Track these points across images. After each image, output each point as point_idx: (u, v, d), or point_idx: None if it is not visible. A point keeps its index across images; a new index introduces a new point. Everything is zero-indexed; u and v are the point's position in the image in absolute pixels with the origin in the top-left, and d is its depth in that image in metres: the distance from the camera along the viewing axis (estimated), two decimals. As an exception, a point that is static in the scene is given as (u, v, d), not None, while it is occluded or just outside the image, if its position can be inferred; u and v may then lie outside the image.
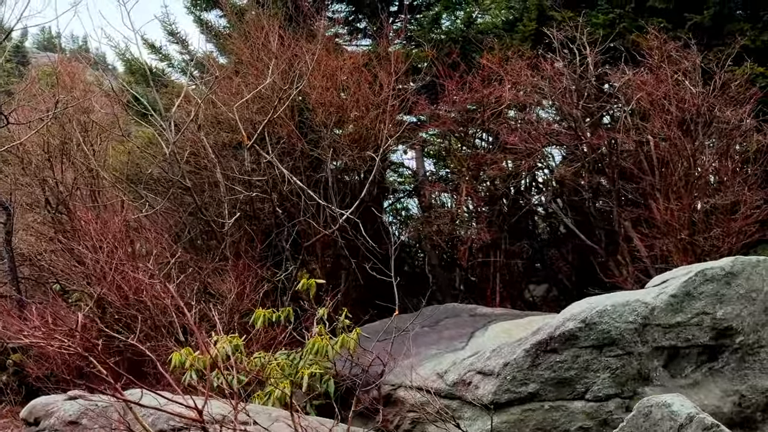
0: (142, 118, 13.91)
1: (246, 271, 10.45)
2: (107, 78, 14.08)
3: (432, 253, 14.11)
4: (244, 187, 12.12)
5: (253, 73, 13.26)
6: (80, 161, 13.16)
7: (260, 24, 13.65)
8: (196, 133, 12.43)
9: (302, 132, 13.29)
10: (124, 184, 13.31)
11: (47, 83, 15.69)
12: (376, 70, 13.03)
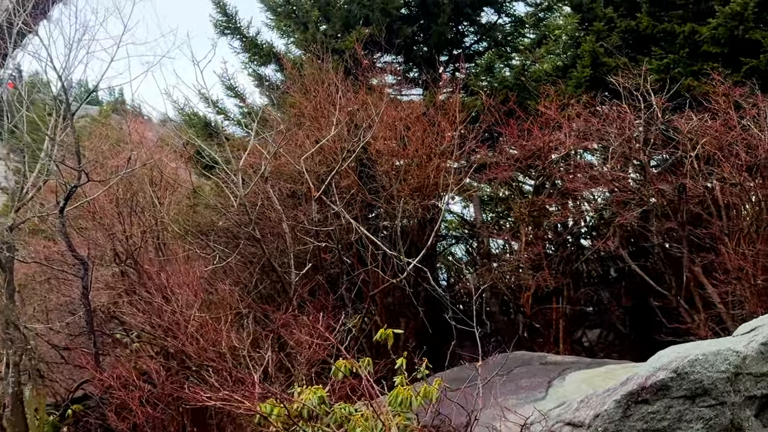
0: (207, 170, 14.32)
1: (316, 320, 10.60)
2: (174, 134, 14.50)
3: (492, 300, 14.15)
4: (309, 237, 12.36)
5: (315, 125, 13.63)
6: (148, 215, 13.57)
7: (320, 78, 14.08)
8: (262, 185, 12.73)
9: (362, 181, 13.58)
10: (191, 237, 13.64)
11: (115, 139, 16.32)
12: (434, 118, 13.29)
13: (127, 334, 13.15)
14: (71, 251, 11.49)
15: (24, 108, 12.85)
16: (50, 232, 14.68)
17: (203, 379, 10.25)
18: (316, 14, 15.67)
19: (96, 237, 13.41)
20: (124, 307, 13.08)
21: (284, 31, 17.13)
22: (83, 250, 12.72)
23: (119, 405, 10.14)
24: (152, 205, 13.61)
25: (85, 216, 13.79)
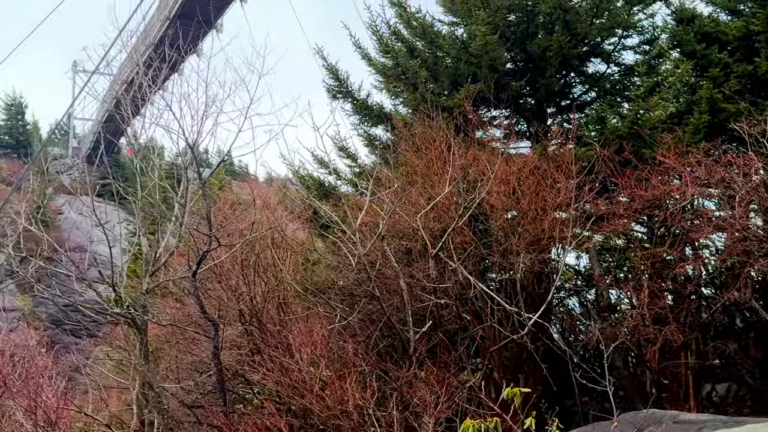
0: (324, 230, 14.79)
1: (438, 378, 10.64)
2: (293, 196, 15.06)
3: (615, 355, 13.76)
4: (427, 294, 12.49)
5: (427, 183, 13.88)
6: (270, 275, 14.07)
7: (430, 136, 14.37)
8: (378, 243, 13.01)
9: (476, 236, 13.64)
10: (311, 295, 14.02)
11: (235, 201, 17.11)
12: (547, 171, 13.26)
13: (252, 392, 13.54)
14: (203, 313, 12.03)
15: (156, 176, 13.72)
16: (180, 294, 15.42)
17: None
18: (424, 74, 16.07)
19: (222, 298, 13.98)
20: (250, 365, 13.53)
21: (393, 92, 17.61)
22: (212, 310, 13.28)
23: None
24: (273, 266, 14.12)
25: (211, 278, 14.44)
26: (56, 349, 19.16)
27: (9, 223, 14.79)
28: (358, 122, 18.14)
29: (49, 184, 52.28)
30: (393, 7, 16.94)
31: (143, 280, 12.89)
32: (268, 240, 13.89)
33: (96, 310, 14.31)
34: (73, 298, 15.46)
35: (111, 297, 13.07)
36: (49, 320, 36.89)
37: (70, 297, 15.56)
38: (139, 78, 13.29)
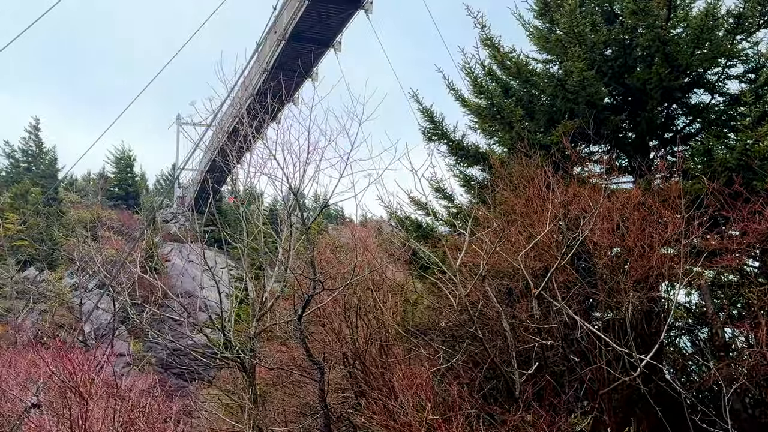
0: (423, 271, 14.81)
1: (546, 421, 10.39)
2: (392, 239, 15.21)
3: (732, 396, 13.06)
4: (531, 335, 12.27)
5: (527, 222, 13.74)
6: (371, 317, 14.18)
7: (528, 174, 14.26)
8: (479, 283, 12.92)
9: (579, 274, 13.34)
10: (412, 337, 14.02)
11: (333, 245, 17.41)
12: (652, 206, 12.89)
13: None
14: (308, 356, 12.23)
15: (260, 222, 14.15)
16: (285, 337, 15.73)
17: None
18: (519, 113, 16.02)
19: (326, 340, 14.17)
20: (354, 408, 13.61)
21: (488, 131, 17.62)
22: (316, 353, 13.48)
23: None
24: (375, 308, 14.24)
25: (314, 321, 14.69)
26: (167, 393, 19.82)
27: (124, 271, 15.53)
28: (453, 163, 18.22)
29: (157, 233, 54.73)
30: (486, 48, 17.03)
31: (251, 324, 13.24)
32: (369, 282, 14.03)
33: (205, 354, 14.75)
34: (183, 343, 16.01)
35: (220, 341, 13.48)
36: (159, 364, 38.22)
37: (180, 341, 16.12)
38: (243, 129, 13.83)
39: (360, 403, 13.35)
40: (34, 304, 41.55)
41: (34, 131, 64.10)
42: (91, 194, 66.01)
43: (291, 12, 33.00)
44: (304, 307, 12.04)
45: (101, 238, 43.88)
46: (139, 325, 13.79)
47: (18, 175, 61.16)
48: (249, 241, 13.82)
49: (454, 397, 10.87)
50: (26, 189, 52.49)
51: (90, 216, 52.29)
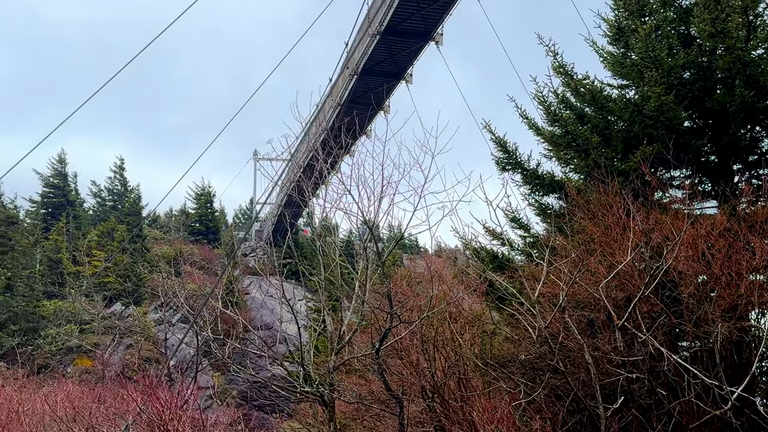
0: (500, 302, 14.64)
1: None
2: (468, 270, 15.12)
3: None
4: (613, 367, 11.93)
5: (606, 250, 13.44)
6: (449, 349, 14.08)
7: (606, 201, 13.98)
8: (559, 315, 12.68)
9: (664, 303, 12.94)
10: (491, 370, 13.83)
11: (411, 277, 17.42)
12: (739, 232, 12.43)
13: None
14: (388, 390, 12.21)
15: (336, 256, 14.29)
16: (363, 370, 15.75)
17: None
18: (596, 140, 15.77)
19: (403, 374, 14.13)
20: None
21: (563, 159, 17.39)
22: (394, 387, 13.44)
23: None
24: (452, 340, 14.14)
25: (392, 354, 14.67)
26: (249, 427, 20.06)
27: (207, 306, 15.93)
28: (528, 192, 18.02)
29: (237, 267, 55.92)
30: (559, 76, 16.89)
31: (329, 358, 13.32)
32: (446, 314, 13.96)
33: (285, 387, 14.91)
34: (263, 376, 16.23)
35: (299, 374, 13.61)
36: (240, 397, 38.79)
37: (261, 374, 16.34)
38: (318, 164, 14.07)
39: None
40: (120, 339, 42.93)
41: (119, 171, 66.86)
42: (173, 230, 68.06)
43: (363, 47, 33.60)
44: (382, 341, 12.05)
45: (183, 272, 45.11)
46: (222, 359, 14.03)
47: (104, 214, 63.78)
48: (326, 275, 13.96)
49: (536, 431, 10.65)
50: (112, 227, 54.58)
51: (172, 251, 53.88)
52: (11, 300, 41.15)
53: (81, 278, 47.57)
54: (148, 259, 52.27)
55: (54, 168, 59.38)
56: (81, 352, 40.39)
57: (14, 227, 48.21)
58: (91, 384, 26.69)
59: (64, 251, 49.50)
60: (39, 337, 40.50)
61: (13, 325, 39.97)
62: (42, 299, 43.66)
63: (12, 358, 36.75)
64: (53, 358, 39.01)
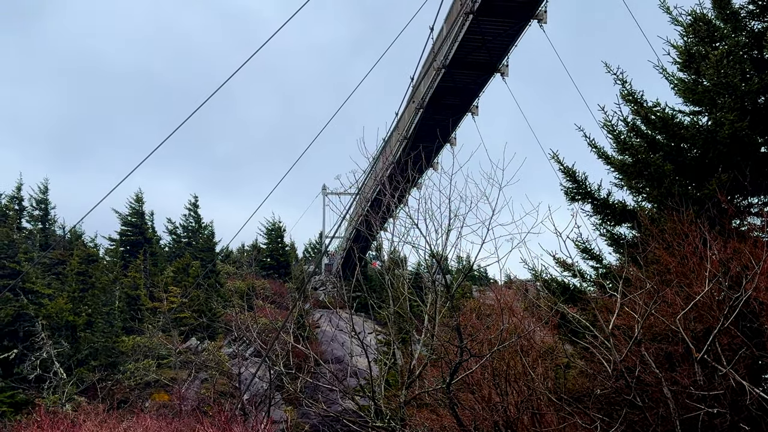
0: (573, 335, 14.37)
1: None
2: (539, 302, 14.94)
3: None
4: (693, 402, 11.53)
5: (683, 281, 13.08)
6: (521, 384, 13.85)
7: (681, 230, 13.64)
8: (635, 348, 12.36)
9: (745, 335, 12.47)
10: (565, 404, 13.54)
11: (481, 310, 17.29)
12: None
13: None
14: (459, 425, 12.09)
15: (405, 289, 14.33)
16: (434, 404, 15.64)
17: None
18: (669, 167, 15.46)
19: (475, 408, 13.96)
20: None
21: (635, 188, 17.08)
22: (466, 422, 13.27)
23: None
24: (524, 374, 13.91)
25: (463, 388, 14.53)
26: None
27: (279, 341, 16.15)
28: (599, 222, 17.75)
29: (307, 301, 56.50)
30: (628, 104, 16.68)
31: (400, 392, 13.31)
32: (517, 347, 13.77)
33: (357, 422, 14.93)
34: (335, 410, 16.28)
35: (371, 408, 13.63)
36: (312, 431, 38.88)
37: (332, 408, 16.41)
38: (385, 199, 14.21)
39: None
40: (196, 374, 43.75)
41: (194, 208, 68.64)
42: (245, 265, 69.24)
43: (428, 81, 33.85)
44: (452, 375, 11.98)
45: (255, 307, 45.75)
46: (294, 393, 14.17)
47: (179, 250, 65.42)
48: (395, 308, 14.01)
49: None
50: (187, 263, 55.94)
51: (245, 286, 54.81)
52: (92, 336, 42.50)
53: (158, 314, 48.82)
54: (222, 294, 53.31)
55: (131, 207, 61.39)
56: (158, 387, 41.32)
57: (95, 265, 49.90)
58: (168, 419, 27.23)
59: (141, 288, 50.95)
60: (118, 372, 41.64)
61: (94, 360, 41.21)
62: (121, 335, 44.95)
63: (93, 393, 37.86)
64: (132, 393, 39.96)
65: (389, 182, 15.74)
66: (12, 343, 39.48)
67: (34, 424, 10.40)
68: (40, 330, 39.80)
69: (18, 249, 44.64)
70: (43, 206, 57.31)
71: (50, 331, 40.96)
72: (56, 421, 12.90)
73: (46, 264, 50.77)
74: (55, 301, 43.09)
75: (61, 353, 40.55)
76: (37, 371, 38.50)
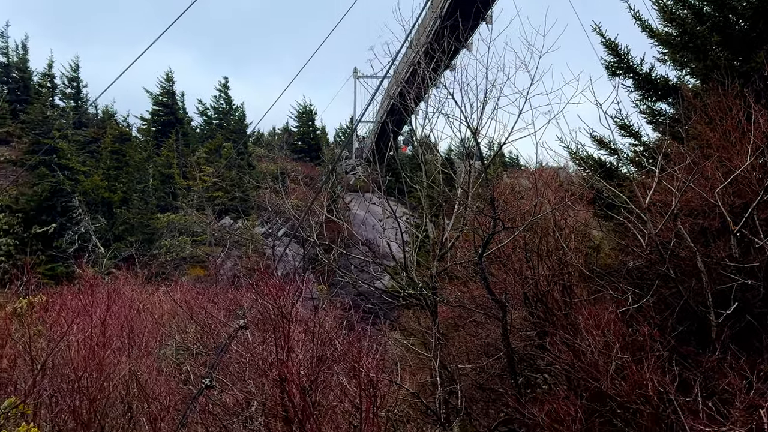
0: (609, 210, 14.26)
1: (748, 363, 9.73)
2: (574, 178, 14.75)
3: None
4: (727, 274, 11.48)
5: (724, 156, 12.76)
6: (553, 258, 13.90)
7: (725, 105, 13.20)
8: (670, 222, 12.24)
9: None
10: (597, 278, 13.61)
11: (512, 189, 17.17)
12: None
13: (541, 375, 13.50)
14: (490, 294, 12.23)
15: (438, 164, 14.20)
16: (465, 278, 15.84)
17: (626, 422, 10.10)
18: (715, 39, 14.79)
19: (506, 282, 14.09)
20: (536, 349, 13.50)
21: (679, 62, 16.42)
22: (496, 293, 13.42)
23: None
24: (556, 249, 13.94)
25: (494, 262, 14.63)
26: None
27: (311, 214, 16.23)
28: (640, 98, 17.20)
29: (338, 183, 56.82)
30: (676, -27, 15.81)
31: (431, 264, 13.44)
32: (550, 222, 13.73)
33: (389, 292, 15.22)
34: (367, 286, 16.55)
35: (402, 283, 13.81)
36: (343, 309, 39.94)
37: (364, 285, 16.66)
38: (420, 70, 13.86)
39: (542, 344, 13.21)
40: (229, 252, 44.80)
41: (224, 90, 68.29)
42: (276, 148, 69.46)
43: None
44: (485, 246, 11.99)
45: (287, 188, 46.14)
46: (327, 264, 14.38)
47: (211, 132, 65.66)
48: (428, 182, 13.93)
49: (645, 338, 10.43)
50: (219, 144, 56.24)
51: (276, 168, 55.17)
52: (127, 212, 43.43)
53: (191, 192, 49.56)
54: (254, 176, 53.80)
55: (162, 87, 61.21)
56: (194, 262, 42.47)
57: (128, 144, 50.38)
58: (206, 285, 28.04)
59: (174, 167, 51.51)
60: (154, 248, 42.74)
61: (130, 236, 42.29)
62: (156, 212, 45.87)
63: (130, 267, 39.15)
64: (168, 267, 41.13)
65: (424, 57, 15.31)
66: (51, 218, 40.47)
67: (77, 287, 10.84)
68: (77, 205, 40.69)
69: (52, 125, 45.02)
70: (75, 84, 57.37)
71: (87, 207, 41.91)
72: (97, 284, 13.38)
73: (80, 142, 51.33)
74: (91, 178, 43.84)
75: (98, 228, 41.63)
76: (76, 245, 39.65)
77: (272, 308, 8.18)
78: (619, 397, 9.91)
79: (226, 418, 8.76)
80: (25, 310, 10.82)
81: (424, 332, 14.77)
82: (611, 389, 10.03)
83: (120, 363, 9.77)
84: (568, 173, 20.13)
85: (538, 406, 11.04)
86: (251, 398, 8.93)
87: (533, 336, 13.72)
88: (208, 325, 12.76)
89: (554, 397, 11.65)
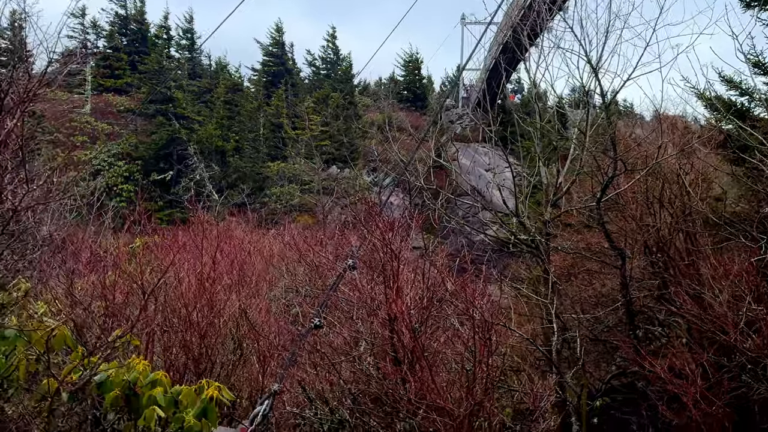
0: (742, 152, 13.18)
1: None
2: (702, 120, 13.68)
3: None
4: None
5: None
6: (678, 206, 13.00)
7: None
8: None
9: None
10: (727, 226, 12.66)
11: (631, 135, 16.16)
12: None
13: (661, 327, 12.79)
14: (609, 242, 11.58)
15: (554, 109, 13.46)
16: (579, 225, 15.15)
17: (757, 378, 9.40)
18: None
19: (624, 229, 13.35)
20: (657, 300, 12.78)
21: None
22: (619, 242, 12.73)
23: (670, 398, 9.81)
24: (680, 195, 13.03)
25: (611, 208, 13.88)
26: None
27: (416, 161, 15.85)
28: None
29: (444, 132, 56.10)
30: None
31: (545, 210, 12.87)
32: (674, 167, 12.81)
33: (498, 243, 14.76)
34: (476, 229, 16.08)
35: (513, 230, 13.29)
36: (448, 259, 39.61)
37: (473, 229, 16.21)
38: (535, 3, 13.08)
39: (663, 295, 12.47)
40: (336, 201, 45.25)
41: (331, 39, 68.35)
42: (382, 98, 69.20)
43: None
44: (603, 190, 11.30)
45: (394, 136, 45.88)
46: (434, 207, 14.01)
47: (319, 82, 66.06)
48: (541, 123, 13.24)
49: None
50: (326, 94, 56.51)
51: (382, 118, 54.97)
52: (240, 161, 44.49)
53: (300, 142, 50.22)
54: (360, 126, 53.87)
55: (272, 37, 61.88)
56: (302, 210, 43.21)
57: (240, 94, 51.42)
58: (315, 230, 28.39)
59: (284, 116, 52.25)
60: (264, 195, 43.72)
61: (243, 183, 43.39)
62: (266, 160, 46.80)
63: (242, 211, 40.22)
64: (277, 214, 42.05)
65: None
66: (168, 165, 42.02)
67: (195, 227, 11.11)
68: (192, 153, 42.03)
69: (168, 75, 46.47)
70: (189, 35, 58.82)
71: (201, 155, 43.24)
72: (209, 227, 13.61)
73: (195, 92, 52.80)
74: (205, 127, 45.10)
75: (212, 176, 42.93)
76: (191, 192, 41.12)
77: (381, 246, 7.95)
78: (750, 351, 9.18)
79: (335, 357, 8.68)
80: (139, 249, 11.10)
81: (535, 280, 14.26)
82: (741, 343, 9.30)
83: (230, 300, 9.86)
84: (686, 121, 18.82)
85: (660, 359, 10.43)
86: (360, 338, 8.82)
87: (653, 287, 12.97)
88: (317, 266, 12.72)
89: (676, 350, 11.01)
